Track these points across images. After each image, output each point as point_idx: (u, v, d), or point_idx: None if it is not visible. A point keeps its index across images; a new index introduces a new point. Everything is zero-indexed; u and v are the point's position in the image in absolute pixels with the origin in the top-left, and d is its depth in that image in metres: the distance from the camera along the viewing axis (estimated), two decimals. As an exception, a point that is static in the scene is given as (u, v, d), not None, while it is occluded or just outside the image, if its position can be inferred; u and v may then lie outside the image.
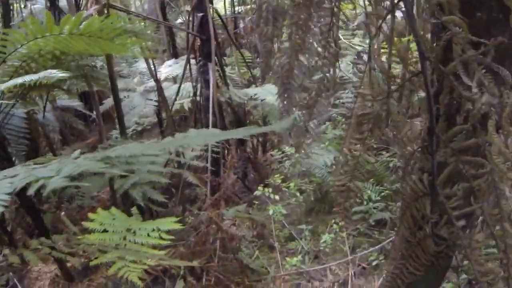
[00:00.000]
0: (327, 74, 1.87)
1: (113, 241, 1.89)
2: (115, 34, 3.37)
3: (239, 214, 4.06)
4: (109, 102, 5.80)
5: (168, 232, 1.99)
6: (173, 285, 3.54)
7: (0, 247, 3.20)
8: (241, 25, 7.68)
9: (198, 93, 5.04)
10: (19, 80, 2.97)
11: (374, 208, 4.17)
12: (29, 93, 3.75)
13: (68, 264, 3.69)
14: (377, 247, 3.84)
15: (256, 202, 4.71)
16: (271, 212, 4.17)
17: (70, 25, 3.13)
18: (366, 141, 1.60)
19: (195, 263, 3.34)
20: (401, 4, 1.38)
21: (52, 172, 1.70)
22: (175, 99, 5.22)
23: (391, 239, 3.67)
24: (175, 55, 7.21)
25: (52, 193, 4.11)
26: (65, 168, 1.70)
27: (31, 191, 1.64)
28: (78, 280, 3.86)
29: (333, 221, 4.23)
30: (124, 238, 1.89)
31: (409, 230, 1.61)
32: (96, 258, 1.90)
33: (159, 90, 5.11)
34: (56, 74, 3.09)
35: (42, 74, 3.01)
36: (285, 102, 1.97)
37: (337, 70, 1.97)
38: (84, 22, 3.16)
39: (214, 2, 5.75)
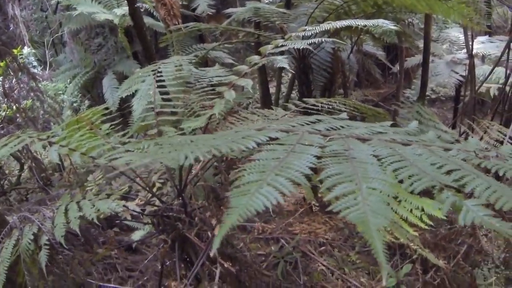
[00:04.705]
0: None
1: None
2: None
3: (504, 230, 3.56)
4: (411, 61, 5.65)
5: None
6: (400, 263, 3.43)
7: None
8: None
9: (508, 82, 4.47)
10: (349, 23, 2.91)
11: None
12: (341, 31, 3.87)
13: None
14: None
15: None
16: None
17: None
18: None
19: (438, 261, 3.14)
20: None
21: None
22: (484, 81, 4.76)
23: None
24: (489, 32, 6.50)
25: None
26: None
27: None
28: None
29: None
30: (388, 204, 1.83)
31: None
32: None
33: (471, 66, 4.70)
34: (387, 25, 2.97)
35: (374, 21, 2.95)
36: None
37: None
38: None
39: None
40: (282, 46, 2.08)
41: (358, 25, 2.74)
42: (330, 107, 2.41)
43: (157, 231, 2.63)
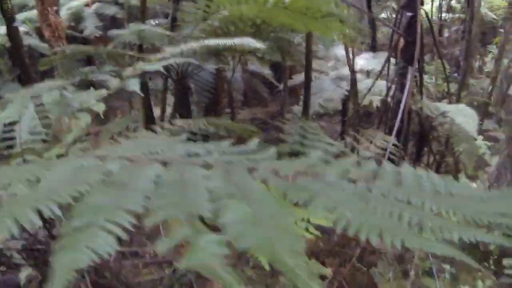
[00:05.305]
0: None
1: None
2: (321, 15, 3.32)
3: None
4: (298, 78, 5.82)
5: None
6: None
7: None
8: (446, 34, 7.12)
9: (390, 94, 4.78)
10: (212, 42, 2.98)
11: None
12: (223, 52, 3.91)
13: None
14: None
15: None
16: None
17: (276, -2, 3.15)
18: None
19: (326, 270, 3.24)
20: None
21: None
22: (366, 94, 5.04)
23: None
24: (374, 48, 6.95)
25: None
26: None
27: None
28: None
29: (479, 273, 3.69)
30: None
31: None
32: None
33: (353, 81, 4.98)
34: (253, 43, 2.96)
35: (238, 40, 2.97)
36: None
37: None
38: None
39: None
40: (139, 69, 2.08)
41: (219, 43, 2.76)
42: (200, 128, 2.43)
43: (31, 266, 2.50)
